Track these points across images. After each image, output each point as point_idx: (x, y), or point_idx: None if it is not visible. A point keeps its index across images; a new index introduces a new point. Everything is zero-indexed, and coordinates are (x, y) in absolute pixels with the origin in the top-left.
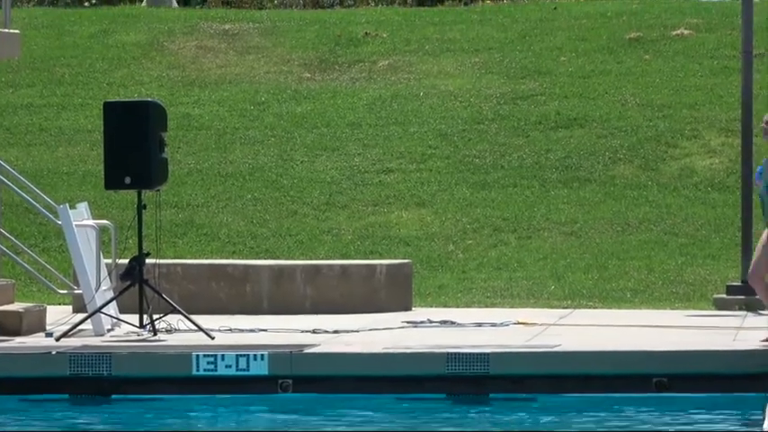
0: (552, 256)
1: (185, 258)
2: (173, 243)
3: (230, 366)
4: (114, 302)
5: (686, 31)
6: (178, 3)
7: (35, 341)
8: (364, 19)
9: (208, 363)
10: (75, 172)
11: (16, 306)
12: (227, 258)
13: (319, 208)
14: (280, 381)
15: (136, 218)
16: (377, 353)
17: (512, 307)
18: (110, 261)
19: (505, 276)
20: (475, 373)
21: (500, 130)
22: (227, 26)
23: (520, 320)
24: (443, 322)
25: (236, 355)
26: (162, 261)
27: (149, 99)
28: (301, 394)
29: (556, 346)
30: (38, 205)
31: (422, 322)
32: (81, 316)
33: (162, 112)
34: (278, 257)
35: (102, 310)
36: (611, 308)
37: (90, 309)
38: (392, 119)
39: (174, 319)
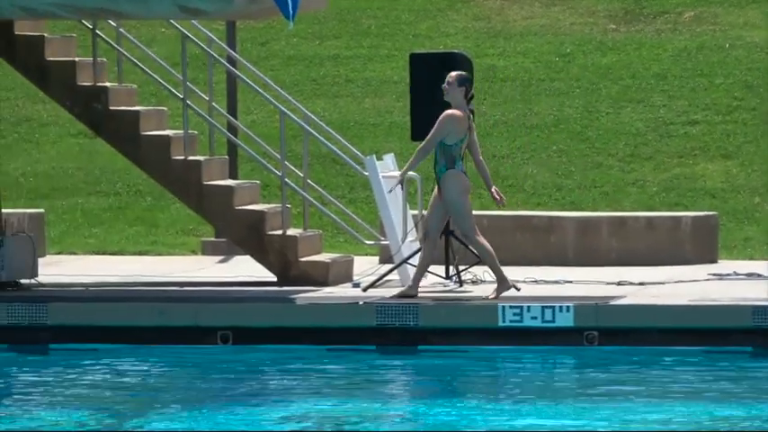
0: None
1: (490, 210)
2: (478, 194)
3: (536, 318)
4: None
5: None
6: None
7: (342, 291)
8: None
9: (513, 314)
10: (381, 123)
11: (324, 256)
12: (532, 210)
13: (624, 160)
14: (585, 333)
15: None
16: (682, 305)
17: None
18: (416, 212)
19: None
20: None
21: None
22: None
23: None
24: (749, 275)
25: (542, 307)
26: None
27: (456, 51)
28: (607, 346)
29: None
30: (345, 156)
31: (727, 275)
32: (388, 267)
33: (468, 63)
34: (583, 209)
35: (409, 261)
36: None
37: (396, 260)
38: (697, 70)
39: (480, 271)
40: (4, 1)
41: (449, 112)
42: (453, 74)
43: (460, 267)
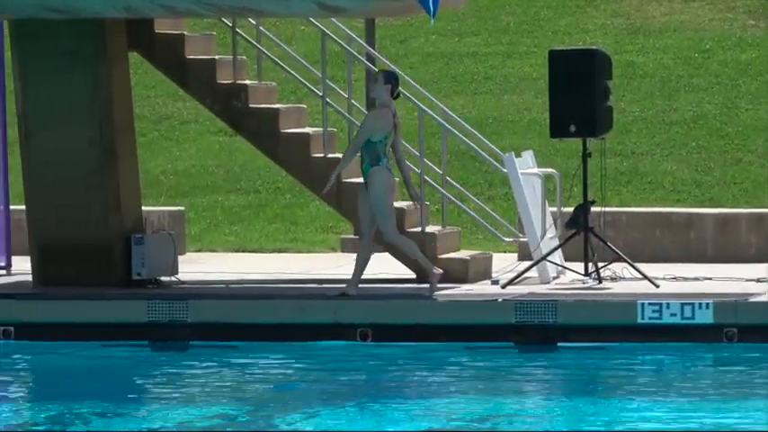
0: None
1: (630, 206)
2: (617, 191)
3: (675, 315)
4: (559, 250)
5: None
6: None
7: (481, 288)
8: None
9: (653, 311)
10: (519, 120)
11: (462, 254)
12: (671, 206)
13: (764, 156)
14: (725, 329)
15: (581, 166)
16: None
17: None
18: (555, 209)
19: None
20: None
21: None
22: None
23: None
24: None
25: (681, 304)
26: (607, 209)
27: (595, 47)
28: (746, 343)
29: None
30: (483, 153)
31: None
32: (526, 264)
33: (607, 60)
34: (722, 205)
35: (548, 258)
36: None
37: (535, 257)
38: None
39: (619, 267)
40: None
41: (372, 111)
42: (379, 71)
43: (599, 264)
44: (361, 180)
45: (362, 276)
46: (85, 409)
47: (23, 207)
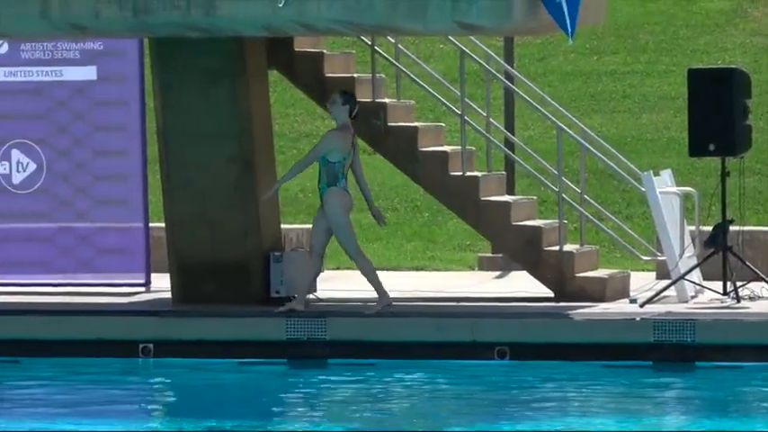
0: None
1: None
2: (756, 210)
3: None
4: (698, 269)
5: None
6: None
7: (618, 307)
8: None
9: None
10: (658, 139)
11: (600, 272)
12: None
13: None
14: None
15: (719, 185)
16: None
17: None
18: (693, 228)
19: None
20: None
21: None
22: None
23: None
24: None
25: None
26: (745, 228)
27: (734, 66)
28: None
29: None
30: (622, 172)
31: None
32: (664, 283)
33: (746, 79)
34: None
35: (686, 277)
36: None
37: (673, 276)
38: None
39: (758, 287)
40: (284, 17)
41: (332, 130)
42: (338, 92)
43: (738, 283)
44: (505, 198)
45: (499, 294)
46: (225, 426)
47: (162, 224)
